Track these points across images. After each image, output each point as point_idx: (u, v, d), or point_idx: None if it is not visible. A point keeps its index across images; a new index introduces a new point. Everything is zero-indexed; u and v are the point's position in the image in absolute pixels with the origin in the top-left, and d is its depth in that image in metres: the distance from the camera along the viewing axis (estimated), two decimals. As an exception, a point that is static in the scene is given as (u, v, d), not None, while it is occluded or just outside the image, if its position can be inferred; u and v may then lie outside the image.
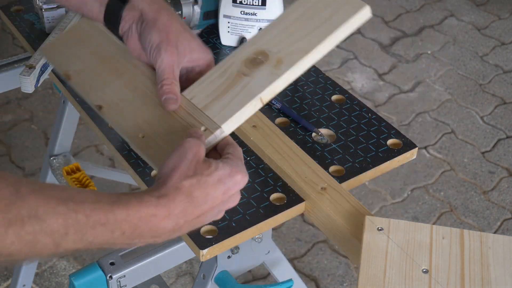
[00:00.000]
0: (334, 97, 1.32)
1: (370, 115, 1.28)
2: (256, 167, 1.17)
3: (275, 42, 0.99)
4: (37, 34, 1.47)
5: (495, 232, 2.36)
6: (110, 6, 1.04)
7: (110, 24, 1.05)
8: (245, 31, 1.42)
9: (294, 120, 1.26)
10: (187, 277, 2.22)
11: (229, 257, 1.21)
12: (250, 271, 2.21)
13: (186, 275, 2.22)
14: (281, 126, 1.25)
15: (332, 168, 1.17)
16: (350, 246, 1.04)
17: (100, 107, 1.00)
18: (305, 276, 2.22)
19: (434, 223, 2.40)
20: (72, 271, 2.07)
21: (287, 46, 0.98)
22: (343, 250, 1.07)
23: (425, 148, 2.67)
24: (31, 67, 1.31)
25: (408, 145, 1.22)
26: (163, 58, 0.98)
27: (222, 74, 0.98)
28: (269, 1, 1.40)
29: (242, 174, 0.86)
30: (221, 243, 1.05)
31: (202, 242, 1.04)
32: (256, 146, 1.19)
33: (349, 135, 1.24)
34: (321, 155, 1.19)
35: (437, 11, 3.38)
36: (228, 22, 1.42)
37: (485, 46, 3.16)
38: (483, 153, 2.65)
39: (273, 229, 2.33)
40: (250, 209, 1.10)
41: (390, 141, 1.23)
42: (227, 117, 0.94)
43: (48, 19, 1.45)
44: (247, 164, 1.18)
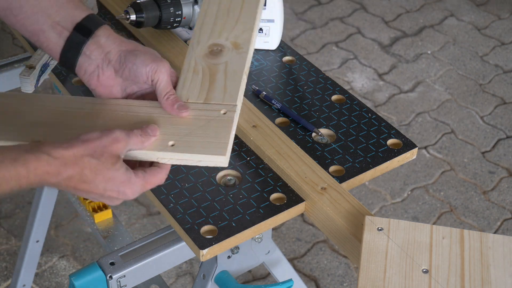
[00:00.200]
0: (334, 97, 1.32)
1: (370, 115, 1.28)
2: (256, 167, 1.17)
3: (216, 35, 1.11)
4: (37, 34, 1.47)
5: (495, 232, 2.36)
6: (71, 40, 1.01)
7: (68, 59, 1.02)
8: (245, 31, 1.42)
9: (294, 120, 1.26)
10: (187, 277, 2.22)
11: (229, 257, 1.21)
12: (250, 271, 2.21)
13: (186, 275, 2.22)
14: (281, 126, 1.25)
15: (332, 168, 1.17)
16: (350, 246, 1.04)
17: None
18: (305, 276, 2.22)
19: (434, 223, 2.40)
20: (72, 271, 2.08)
21: (231, 32, 1.11)
22: (343, 250, 1.07)
23: (425, 148, 2.67)
24: (31, 67, 1.31)
25: (408, 145, 1.22)
26: (162, 76, 1.01)
27: (196, 72, 1.06)
28: (269, 1, 1.40)
29: (131, 192, 0.93)
30: (221, 243, 1.05)
31: (202, 242, 1.04)
32: (256, 146, 1.19)
33: (349, 135, 1.24)
34: (321, 155, 1.19)
35: (437, 11, 3.38)
36: (228, 22, 1.42)
37: (485, 46, 3.16)
38: (483, 153, 2.65)
39: (273, 229, 2.33)
40: (250, 209, 1.10)
41: (390, 141, 1.23)
42: (235, 95, 1.02)
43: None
44: (247, 164, 1.18)
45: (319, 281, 2.21)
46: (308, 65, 1.40)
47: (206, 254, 1.04)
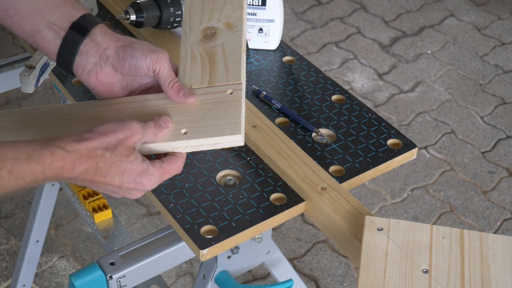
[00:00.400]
0: (334, 97, 1.32)
1: (370, 115, 1.28)
2: (256, 167, 1.17)
3: (207, 19, 1.11)
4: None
5: (495, 232, 2.36)
6: (68, 39, 1.01)
7: (65, 58, 1.02)
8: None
9: (294, 120, 1.26)
10: (187, 277, 2.22)
11: (229, 257, 1.21)
12: (250, 271, 2.21)
13: (186, 275, 2.22)
14: (281, 126, 1.25)
15: (332, 168, 1.17)
16: (350, 246, 1.04)
17: None
18: (305, 276, 2.22)
19: (434, 223, 2.40)
20: (72, 271, 2.08)
21: (221, 14, 1.11)
22: (343, 250, 1.07)
23: (425, 148, 2.67)
24: (31, 67, 1.31)
25: (408, 145, 1.22)
26: (164, 64, 1.01)
27: (194, 58, 1.06)
28: (269, 1, 1.40)
29: (149, 182, 0.93)
30: (221, 243, 1.05)
31: (202, 242, 1.04)
32: (256, 146, 1.19)
33: (349, 135, 1.24)
34: (321, 155, 1.19)
35: (437, 11, 3.38)
36: (228, 22, 1.42)
37: (485, 46, 3.16)
38: (483, 153, 2.65)
39: (273, 229, 2.33)
40: (250, 209, 1.10)
41: (390, 141, 1.23)
42: (238, 73, 1.02)
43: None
44: (247, 164, 1.18)
45: (319, 281, 2.21)
46: (308, 65, 1.40)
47: (206, 254, 1.04)
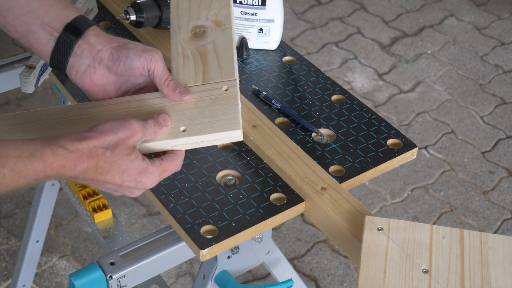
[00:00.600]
0: (334, 97, 1.32)
1: (370, 115, 1.28)
2: (256, 167, 1.17)
3: (195, 17, 1.11)
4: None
5: (495, 232, 2.36)
6: (62, 40, 1.01)
7: (59, 60, 1.02)
8: (245, 31, 1.42)
9: (294, 120, 1.26)
10: (187, 277, 2.22)
11: (229, 257, 1.21)
12: (250, 271, 2.21)
13: (186, 275, 2.22)
14: (281, 126, 1.25)
15: (332, 168, 1.17)
16: (350, 246, 1.04)
17: None
18: (305, 276, 2.22)
19: (434, 223, 2.40)
20: (72, 271, 2.08)
21: (209, 12, 1.12)
22: (343, 250, 1.07)
23: (425, 148, 2.67)
24: (31, 67, 1.31)
25: (408, 145, 1.22)
26: (158, 63, 1.01)
27: (186, 57, 1.06)
28: (269, 1, 1.40)
29: (149, 181, 0.94)
30: (221, 243, 1.05)
31: (202, 242, 1.04)
32: (256, 146, 1.19)
33: (349, 135, 1.24)
34: (321, 155, 1.19)
35: (437, 11, 3.38)
36: (228, 22, 1.42)
37: (485, 46, 3.16)
38: (483, 153, 2.65)
39: (273, 229, 2.33)
40: (250, 209, 1.10)
41: (390, 141, 1.23)
42: (232, 70, 1.03)
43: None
44: (247, 164, 1.18)
45: (319, 281, 2.21)
46: (308, 65, 1.40)
47: (206, 254, 1.04)
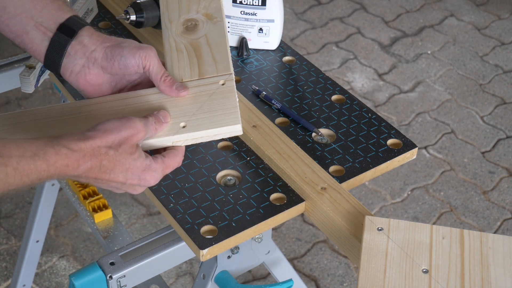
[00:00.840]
0: (334, 97, 1.32)
1: (370, 115, 1.28)
2: (256, 167, 1.17)
3: (185, 11, 1.12)
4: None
5: (495, 232, 2.36)
6: (55, 40, 1.01)
7: (53, 60, 1.02)
8: (245, 31, 1.42)
9: (294, 120, 1.26)
10: (187, 277, 2.22)
11: (229, 257, 1.21)
12: (250, 271, 2.21)
13: (186, 275, 2.22)
14: (281, 126, 1.25)
15: (332, 168, 1.17)
16: (350, 246, 1.04)
17: None
18: (305, 276, 2.22)
19: (434, 223, 2.40)
20: (72, 271, 2.08)
21: (199, 5, 1.11)
22: (343, 250, 1.07)
23: (425, 148, 2.67)
24: (31, 67, 1.31)
25: (408, 145, 1.22)
26: (153, 60, 1.01)
27: (180, 51, 1.06)
28: (269, 1, 1.40)
29: (152, 178, 0.94)
30: (221, 243, 1.05)
31: (202, 242, 1.04)
32: (256, 146, 1.19)
33: (349, 135, 1.24)
34: (321, 155, 1.19)
35: (437, 11, 3.38)
36: (228, 22, 1.42)
37: (485, 46, 3.16)
38: (483, 153, 2.65)
39: (273, 229, 2.33)
40: (250, 209, 1.10)
41: (390, 141, 1.23)
42: (227, 64, 1.03)
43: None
44: (247, 164, 1.18)
45: (319, 281, 2.21)
46: (308, 65, 1.40)
47: (206, 254, 1.04)
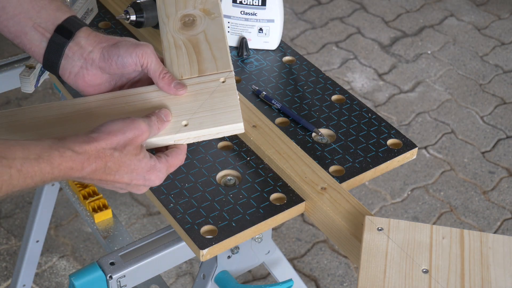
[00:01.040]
0: (334, 97, 1.32)
1: (370, 115, 1.28)
2: (256, 167, 1.17)
3: (182, 6, 1.11)
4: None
5: (495, 232, 2.36)
6: (53, 42, 1.01)
7: (51, 61, 1.02)
8: (245, 31, 1.42)
9: (294, 120, 1.26)
10: (187, 277, 2.22)
11: (229, 257, 1.21)
12: (250, 271, 2.21)
13: (186, 275, 2.22)
14: (281, 126, 1.25)
15: (332, 168, 1.17)
16: (350, 246, 1.04)
17: None
18: (305, 276, 2.22)
19: (434, 223, 2.40)
20: (72, 271, 2.08)
21: (196, 0, 1.10)
22: (343, 250, 1.07)
23: (425, 148, 2.67)
24: (31, 67, 1.31)
25: (408, 145, 1.22)
26: (151, 57, 1.00)
27: (178, 47, 1.05)
28: (269, 1, 1.40)
29: (157, 178, 0.94)
30: (221, 243, 1.05)
31: (202, 242, 1.04)
32: (256, 146, 1.19)
33: (349, 135, 1.24)
34: (321, 155, 1.19)
35: (437, 11, 3.38)
36: (228, 22, 1.42)
37: (485, 46, 3.16)
38: (483, 153, 2.65)
39: (273, 229, 2.33)
40: (250, 209, 1.10)
41: (390, 141, 1.23)
42: (227, 61, 1.02)
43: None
44: (247, 164, 1.18)
45: (319, 281, 2.21)
46: (308, 65, 1.40)
47: (206, 254, 1.04)
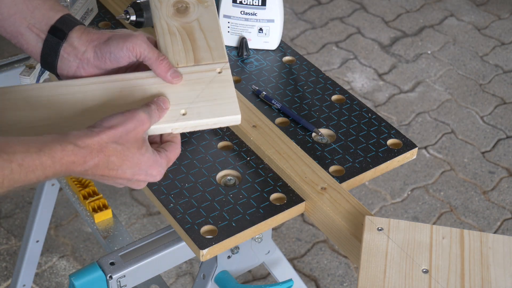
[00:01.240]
0: (334, 97, 1.32)
1: (370, 115, 1.28)
2: (256, 167, 1.17)
3: None
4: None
5: (495, 232, 2.36)
6: (48, 42, 1.01)
7: (49, 61, 1.02)
8: (245, 31, 1.42)
9: (294, 120, 1.26)
10: (187, 277, 2.22)
11: (229, 257, 1.21)
12: (250, 271, 2.21)
13: (186, 275, 2.22)
14: (281, 126, 1.25)
15: (332, 168, 1.17)
16: (350, 246, 1.04)
17: None
18: (305, 276, 2.22)
19: (434, 223, 2.40)
20: (72, 271, 2.08)
21: None
22: (343, 250, 1.07)
23: (425, 148, 2.67)
24: (31, 67, 1.31)
25: (408, 145, 1.22)
26: (142, 46, 0.99)
27: (173, 34, 1.04)
28: (269, 1, 1.40)
29: (158, 173, 0.94)
30: (221, 243, 1.05)
31: (202, 242, 1.04)
32: (256, 146, 1.19)
33: (349, 135, 1.24)
34: (321, 155, 1.19)
35: (437, 11, 3.38)
36: (228, 22, 1.42)
37: (485, 46, 3.16)
38: (483, 153, 2.65)
39: (273, 229, 2.33)
40: (250, 209, 1.10)
41: (390, 141, 1.23)
42: (222, 52, 1.02)
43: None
44: (247, 164, 1.18)
45: (319, 281, 2.21)
46: (308, 65, 1.40)
47: (206, 254, 1.04)
